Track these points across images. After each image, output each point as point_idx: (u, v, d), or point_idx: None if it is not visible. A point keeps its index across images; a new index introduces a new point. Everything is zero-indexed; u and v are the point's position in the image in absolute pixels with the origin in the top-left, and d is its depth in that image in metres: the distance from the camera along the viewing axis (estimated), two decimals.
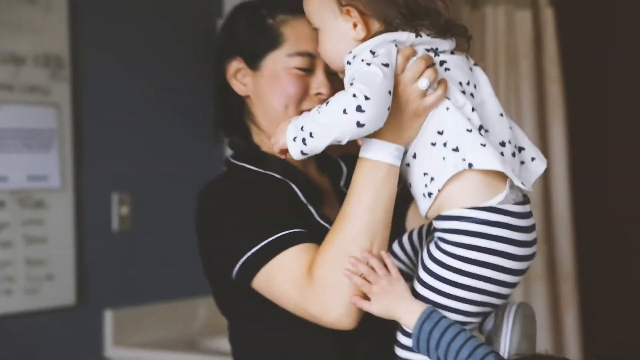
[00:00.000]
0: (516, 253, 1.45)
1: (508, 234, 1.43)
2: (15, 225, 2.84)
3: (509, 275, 1.46)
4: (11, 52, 2.83)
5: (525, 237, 1.46)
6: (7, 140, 2.82)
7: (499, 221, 1.42)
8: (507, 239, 1.43)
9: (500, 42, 3.83)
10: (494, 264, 1.44)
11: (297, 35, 1.67)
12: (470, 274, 1.44)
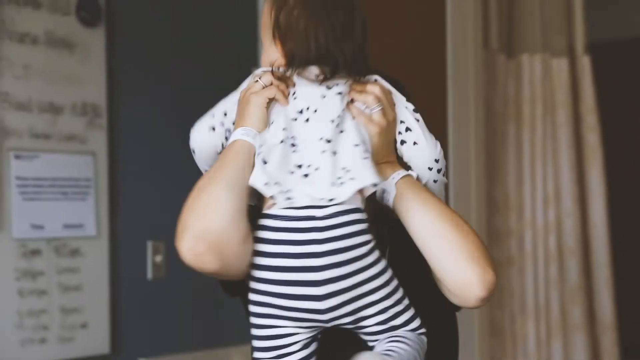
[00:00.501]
0: (291, 265, 1.44)
1: (273, 237, 1.46)
2: (50, 274, 2.84)
3: (290, 287, 1.45)
4: (49, 101, 2.86)
5: (300, 249, 1.44)
6: (44, 189, 2.84)
7: (270, 225, 1.46)
8: (274, 240, 1.46)
9: (536, 90, 3.82)
10: (268, 265, 1.46)
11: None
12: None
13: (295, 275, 1.43)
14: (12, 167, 2.77)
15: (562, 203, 3.83)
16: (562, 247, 3.83)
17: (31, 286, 2.80)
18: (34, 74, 2.83)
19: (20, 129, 2.80)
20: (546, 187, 3.82)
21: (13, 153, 2.78)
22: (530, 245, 3.80)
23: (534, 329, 3.77)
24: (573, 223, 3.82)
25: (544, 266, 3.81)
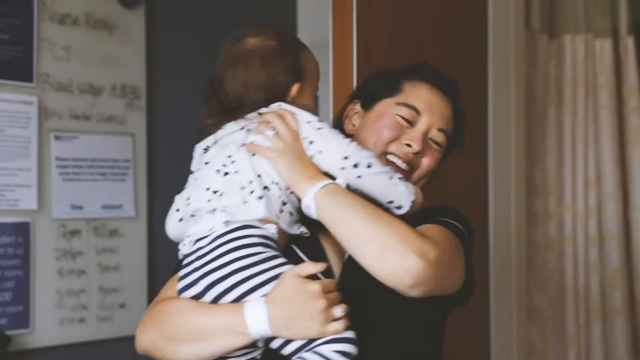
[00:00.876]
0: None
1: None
2: (89, 254, 2.87)
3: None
4: (89, 83, 2.87)
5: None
6: (84, 170, 2.86)
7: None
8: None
9: (578, 71, 3.77)
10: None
11: (413, 91, 1.80)
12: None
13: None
14: (52, 147, 2.80)
15: (603, 186, 3.78)
16: (602, 230, 3.79)
17: (71, 266, 2.83)
18: (74, 55, 2.85)
19: (61, 110, 2.82)
20: (587, 170, 3.77)
21: (53, 134, 2.81)
22: (570, 228, 3.76)
23: (573, 313, 3.74)
24: (614, 206, 3.77)
25: (583, 250, 3.77)
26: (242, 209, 1.57)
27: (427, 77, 1.82)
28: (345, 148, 1.62)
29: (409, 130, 1.77)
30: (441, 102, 1.81)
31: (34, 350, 2.76)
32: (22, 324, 2.73)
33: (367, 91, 1.86)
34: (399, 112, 1.77)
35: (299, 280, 1.50)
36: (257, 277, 1.52)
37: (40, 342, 2.77)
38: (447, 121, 1.81)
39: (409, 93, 1.79)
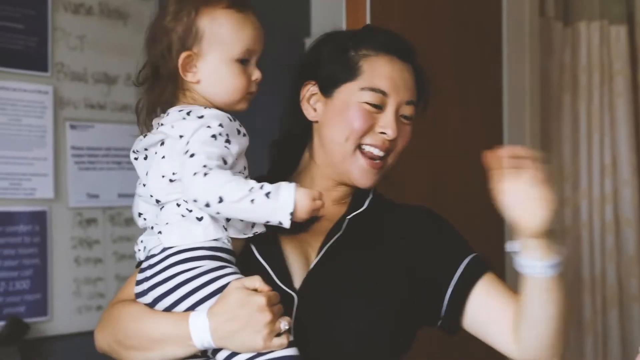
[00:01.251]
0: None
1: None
2: (106, 242, 2.89)
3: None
4: (104, 72, 2.89)
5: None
6: (99, 158, 2.88)
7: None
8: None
9: (594, 58, 3.75)
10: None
11: (374, 71, 1.70)
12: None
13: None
14: (67, 136, 2.82)
15: (620, 173, 3.77)
16: (618, 217, 3.78)
17: (87, 254, 2.85)
18: (88, 44, 2.86)
19: (76, 99, 2.84)
20: (603, 157, 3.76)
21: (69, 123, 2.82)
22: (586, 215, 3.76)
23: (590, 300, 3.74)
24: (630, 193, 3.76)
25: (600, 237, 3.76)
26: (181, 233, 1.54)
27: (382, 47, 1.72)
28: (193, 192, 1.50)
29: (379, 116, 1.70)
30: (403, 72, 1.72)
31: (52, 337, 2.78)
32: (40, 311, 2.75)
33: (322, 72, 1.75)
34: (365, 99, 1.69)
35: (244, 292, 1.48)
36: (203, 289, 1.51)
37: (58, 329, 2.79)
38: (412, 89, 1.74)
39: (370, 74, 1.70)
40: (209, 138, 1.52)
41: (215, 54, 1.58)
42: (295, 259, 1.68)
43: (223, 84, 1.60)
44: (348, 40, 1.75)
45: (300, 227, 1.66)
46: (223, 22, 1.59)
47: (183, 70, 1.59)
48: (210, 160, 1.49)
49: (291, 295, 1.61)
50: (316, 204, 1.49)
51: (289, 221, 1.47)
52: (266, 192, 1.46)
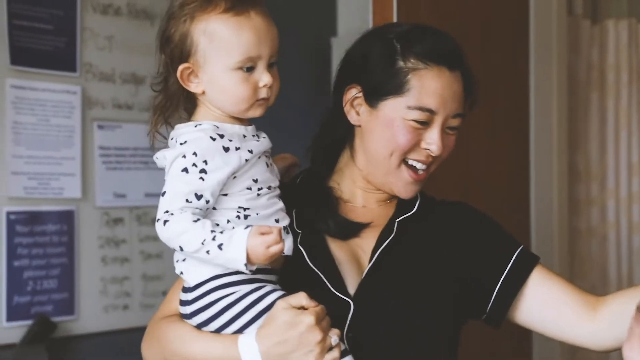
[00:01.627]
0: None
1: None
2: (132, 241, 2.90)
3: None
4: (131, 72, 2.90)
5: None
6: (126, 158, 2.89)
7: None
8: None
9: (622, 57, 3.73)
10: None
11: (423, 87, 1.62)
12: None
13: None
14: (95, 136, 2.83)
15: None
16: None
17: (114, 254, 2.87)
18: (116, 45, 2.87)
19: (104, 99, 2.85)
20: (630, 157, 3.74)
21: (96, 123, 2.84)
22: (613, 215, 3.74)
23: None
24: None
25: (627, 237, 3.74)
26: (194, 270, 1.51)
27: (432, 57, 1.62)
28: (160, 236, 1.48)
29: (425, 132, 1.64)
30: (453, 84, 1.64)
31: (79, 336, 2.80)
32: (67, 310, 2.77)
33: (367, 79, 1.66)
34: (412, 117, 1.62)
35: (291, 312, 1.46)
36: (249, 312, 1.48)
37: (85, 328, 2.81)
38: (460, 99, 1.67)
39: (418, 91, 1.61)
40: (179, 173, 1.46)
41: (213, 64, 1.50)
42: (347, 264, 1.65)
43: (226, 94, 1.52)
44: (396, 43, 1.65)
45: (350, 234, 1.66)
46: (217, 29, 1.49)
47: (184, 81, 1.52)
48: (174, 201, 1.45)
49: (345, 302, 1.59)
50: (270, 251, 1.42)
51: (248, 270, 1.44)
52: (219, 244, 1.42)
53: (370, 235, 1.69)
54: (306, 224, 1.66)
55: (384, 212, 1.74)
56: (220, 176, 1.47)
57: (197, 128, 1.50)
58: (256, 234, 1.42)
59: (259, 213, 1.52)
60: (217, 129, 1.51)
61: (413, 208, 1.73)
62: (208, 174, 1.46)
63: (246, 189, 1.51)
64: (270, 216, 1.54)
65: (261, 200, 1.53)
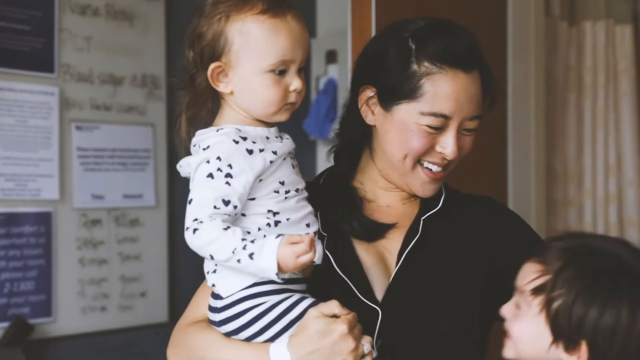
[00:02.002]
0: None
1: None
2: (110, 243, 2.89)
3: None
4: (110, 73, 2.89)
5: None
6: (104, 159, 2.88)
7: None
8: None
9: (599, 57, 3.74)
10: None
11: (436, 92, 1.56)
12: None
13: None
14: (73, 138, 2.82)
15: (624, 173, 3.77)
16: (622, 218, 3.77)
17: (92, 255, 2.85)
18: (94, 45, 2.86)
19: (82, 100, 2.84)
20: (607, 157, 3.76)
21: (74, 124, 2.82)
22: (590, 215, 3.75)
23: None
24: (634, 193, 3.76)
25: None
26: (229, 282, 1.48)
27: (447, 59, 1.56)
28: (189, 245, 1.44)
29: (440, 136, 1.59)
30: (469, 87, 1.58)
31: (56, 338, 2.79)
32: (44, 312, 2.76)
33: (382, 82, 1.61)
34: (426, 123, 1.57)
35: (324, 321, 1.43)
36: (280, 321, 1.46)
37: (62, 330, 2.79)
38: (477, 101, 1.61)
39: (432, 96, 1.56)
40: (205, 179, 1.43)
41: (245, 65, 1.46)
42: (374, 268, 1.61)
43: (256, 96, 1.48)
44: (411, 44, 1.59)
45: (375, 235, 1.64)
46: (253, 30, 1.45)
47: (213, 81, 1.48)
48: (202, 209, 1.41)
49: (374, 310, 1.56)
50: (300, 261, 1.39)
51: (279, 279, 1.41)
52: (249, 253, 1.39)
53: (396, 235, 1.66)
54: (331, 225, 1.62)
55: (408, 211, 1.70)
56: (245, 180, 1.44)
57: (219, 132, 1.47)
58: (287, 244, 1.39)
59: (289, 218, 1.49)
60: (239, 132, 1.47)
61: (438, 204, 1.70)
62: (234, 178, 1.43)
63: (273, 192, 1.48)
64: (300, 221, 1.51)
65: (290, 203, 1.50)
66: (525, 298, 1.45)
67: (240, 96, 1.49)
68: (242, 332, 1.48)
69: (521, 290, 1.47)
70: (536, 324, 1.44)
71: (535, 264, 1.47)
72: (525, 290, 1.45)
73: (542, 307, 1.44)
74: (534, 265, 1.47)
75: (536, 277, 1.45)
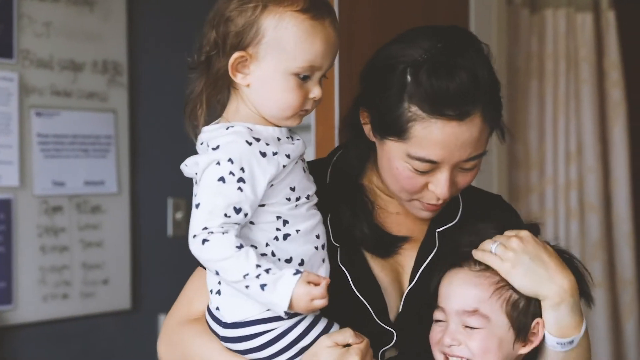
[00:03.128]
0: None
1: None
2: (72, 230, 2.88)
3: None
4: (70, 59, 2.87)
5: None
6: (65, 146, 2.86)
7: None
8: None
9: (560, 45, 3.77)
10: None
11: (425, 139, 1.45)
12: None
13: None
14: (33, 124, 2.80)
15: (584, 160, 3.81)
16: (583, 203, 3.81)
17: (53, 242, 2.84)
18: (54, 31, 2.84)
19: (41, 86, 2.82)
20: (568, 144, 3.79)
21: (34, 110, 2.80)
22: (552, 202, 3.79)
23: None
24: (595, 179, 3.80)
25: (564, 223, 3.80)
26: (236, 310, 1.42)
27: (438, 108, 1.43)
28: (194, 254, 1.39)
29: (432, 177, 1.49)
30: (461, 134, 1.45)
31: (17, 326, 2.77)
32: (5, 300, 2.74)
33: (373, 110, 1.52)
34: (413, 165, 1.47)
35: (337, 352, 1.39)
36: (293, 349, 1.41)
37: (23, 318, 2.78)
38: (475, 143, 1.47)
39: (419, 141, 1.45)
40: (215, 183, 1.35)
41: (271, 62, 1.38)
42: (389, 287, 1.56)
43: (274, 96, 1.40)
44: (408, 76, 1.46)
45: (390, 250, 1.57)
46: (290, 27, 1.37)
47: (233, 70, 1.40)
48: (213, 217, 1.33)
49: (389, 332, 1.51)
50: (313, 304, 1.34)
51: (288, 315, 1.36)
52: (262, 284, 1.32)
53: (409, 248, 1.59)
54: (344, 233, 1.55)
55: (419, 220, 1.61)
56: (259, 186, 1.36)
57: (230, 131, 1.39)
58: (304, 283, 1.33)
59: (299, 230, 1.42)
60: (251, 132, 1.39)
61: (455, 216, 1.63)
62: (246, 184, 1.35)
63: (285, 199, 1.41)
64: (310, 232, 1.44)
65: (300, 211, 1.43)
66: (470, 314, 1.45)
67: (256, 93, 1.41)
68: (250, 355, 1.43)
69: (464, 310, 1.46)
70: (498, 328, 1.45)
71: (465, 280, 1.47)
72: (469, 308, 1.45)
73: (503, 307, 1.45)
74: (466, 282, 1.47)
75: (485, 286, 1.46)
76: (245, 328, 1.41)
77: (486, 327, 1.45)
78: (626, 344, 3.81)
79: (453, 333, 1.46)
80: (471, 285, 1.47)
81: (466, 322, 1.46)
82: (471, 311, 1.45)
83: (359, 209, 1.57)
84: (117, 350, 2.97)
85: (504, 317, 1.46)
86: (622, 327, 3.83)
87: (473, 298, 1.45)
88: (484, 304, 1.45)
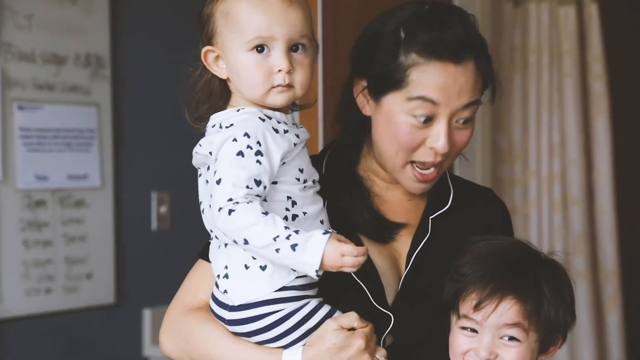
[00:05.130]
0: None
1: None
2: (55, 224, 2.86)
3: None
4: (53, 52, 2.85)
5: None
6: (48, 140, 2.84)
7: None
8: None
9: (543, 38, 3.78)
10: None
11: (424, 81, 1.50)
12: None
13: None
14: (15, 117, 2.78)
15: (567, 152, 3.82)
16: (566, 196, 3.83)
17: (36, 237, 2.82)
18: (37, 24, 2.82)
19: (24, 79, 2.80)
20: (552, 137, 3.80)
21: (16, 104, 2.79)
22: (535, 194, 3.80)
23: None
24: (578, 172, 3.81)
25: (548, 215, 3.81)
26: (246, 290, 1.43)
27: (433, 52, 1.49)
28: (221, 228, 1.39)
29: (430, 130, 1.51)
30: (458, 77, 1.50)
31: (0, 321, 2.76)
32: None
33: (370, 73, 1.56)
34: (412, 111, 1.50)
35: (342, 335, 1.41)
36: (298, 330, 1.43)
37: (6, 312, 2.77)
38: (472, 89, 1.53)
39: (419, 83, 1.49)
40: (234, 157, 1.37)
41: (230, 46, 1.42)
42: (386, 272, 1.58)
43: (242, 77, 1.43)
44: (402, 32, 1.52)
45: (387, 236, 1.60)
46: (232, 9, 1.42)
47: (209, 65, 1.46)
48: (237, 189, 1.35)
49: (386, 315, 1.54)
50: (343, 260, 1.35)
51: (315, 276, 1.38)
52: (293, 244, 1.34)
53: (404, 235, 1.62)
54: (339, 219, 1.55)
55: (414, 208, 1.65)
56: (274, 159, 1.39)
57: (241, 112, 1.43)
58: (334, 240, 1.35)
59: (306, 212, 1.45)
60: (262, 111, 1.44)
61: (447, 202, 1.65)
62: (264, 157, 1.38)
63: (295, 179, 1.44)
64: (316, 217, 1.47)
65: (308, 193, 1.46)
66: (510, 327, 1.44)
67: (234, 81, 1.46)
68: (255, 337, 1.45)
69: (504, 324, 1.45)
70: (534, 342, 1.47)
71: (510, 299, 1.46)
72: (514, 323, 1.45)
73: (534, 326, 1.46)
74: (510, 301, 1.46)
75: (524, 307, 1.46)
76: (253, 309, 1.43)
77: (525, 341, 1.46)
78: (609, 336, 3.83)
79: (490, 346, 1.45)
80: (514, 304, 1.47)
81: (505, 334, 1.45)
82: (513, 324, 1.45)
83: (358, 195, 1.60)
84: (102, 344, 2.96)
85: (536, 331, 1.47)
86: (605, 319, 3.85)
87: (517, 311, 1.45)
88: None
